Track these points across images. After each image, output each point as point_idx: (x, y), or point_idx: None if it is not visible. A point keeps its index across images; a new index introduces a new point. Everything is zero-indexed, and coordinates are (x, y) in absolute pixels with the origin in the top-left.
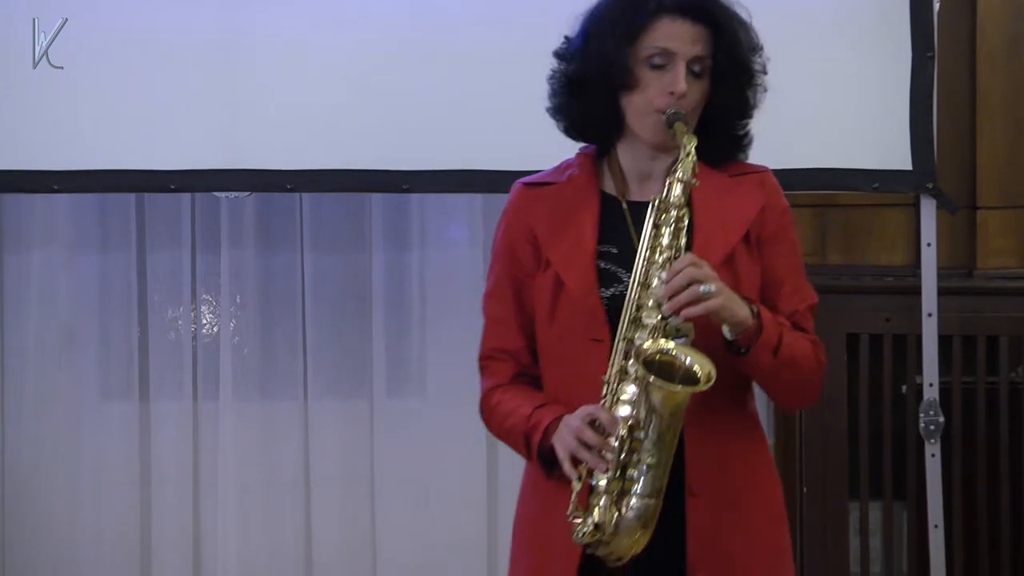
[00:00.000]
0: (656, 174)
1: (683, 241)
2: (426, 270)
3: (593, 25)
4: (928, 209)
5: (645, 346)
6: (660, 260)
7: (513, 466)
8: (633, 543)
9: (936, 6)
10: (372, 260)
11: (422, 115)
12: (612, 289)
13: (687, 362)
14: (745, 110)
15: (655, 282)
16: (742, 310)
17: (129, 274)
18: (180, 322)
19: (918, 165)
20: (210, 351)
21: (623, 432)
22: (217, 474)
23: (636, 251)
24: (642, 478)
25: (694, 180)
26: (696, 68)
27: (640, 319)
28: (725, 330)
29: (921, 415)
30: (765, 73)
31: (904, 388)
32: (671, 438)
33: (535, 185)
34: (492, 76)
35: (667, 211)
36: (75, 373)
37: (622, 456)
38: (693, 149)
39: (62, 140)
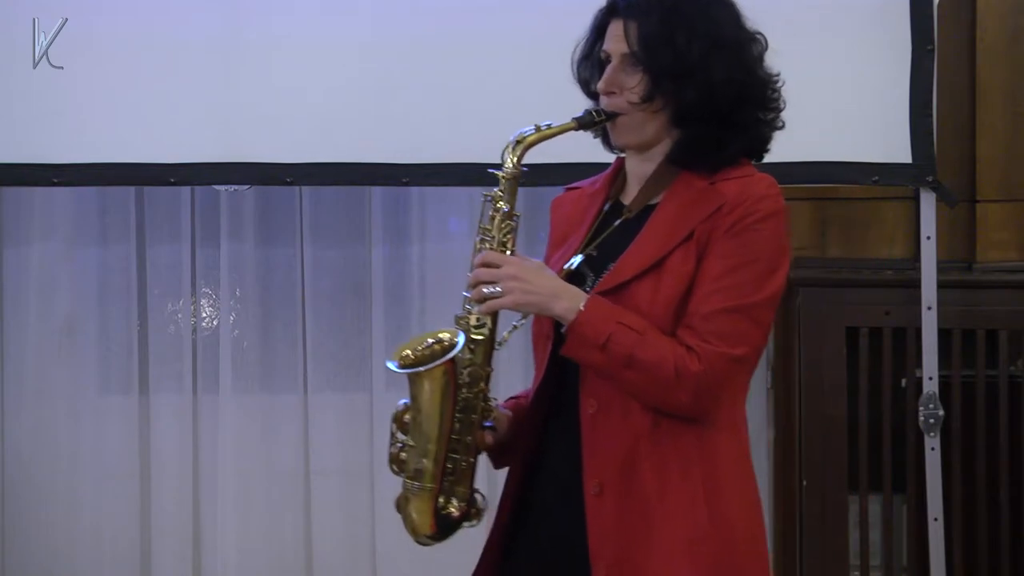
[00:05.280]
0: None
1: (499, 235)
2: (425, 263)
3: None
4: (928, 202)
5: (404, 351)
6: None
7: None
8: (415, 521)
9: None
10: (372, 253)
11: (422, 109)
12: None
13: (438, 340)
14: (696, 112)
15: None
16: (557, 304)
17: (129, 267)
18: (180, 315)
19: (918, 158)
20: (210, 344)
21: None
22: (217, 467)
23: (614, 254)
24: (407, 459)
25: (505, 173)
26: (631, 62)
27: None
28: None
29: (921, 408)
30: (728, 71)
31: (904, 381)
32: (428, 422)
33: (570, 189)
34: (492, 70)
35: (493, 202)
36: (75, 366)
37: (394, 437)
38: (514, 142)
39: (62, 134)
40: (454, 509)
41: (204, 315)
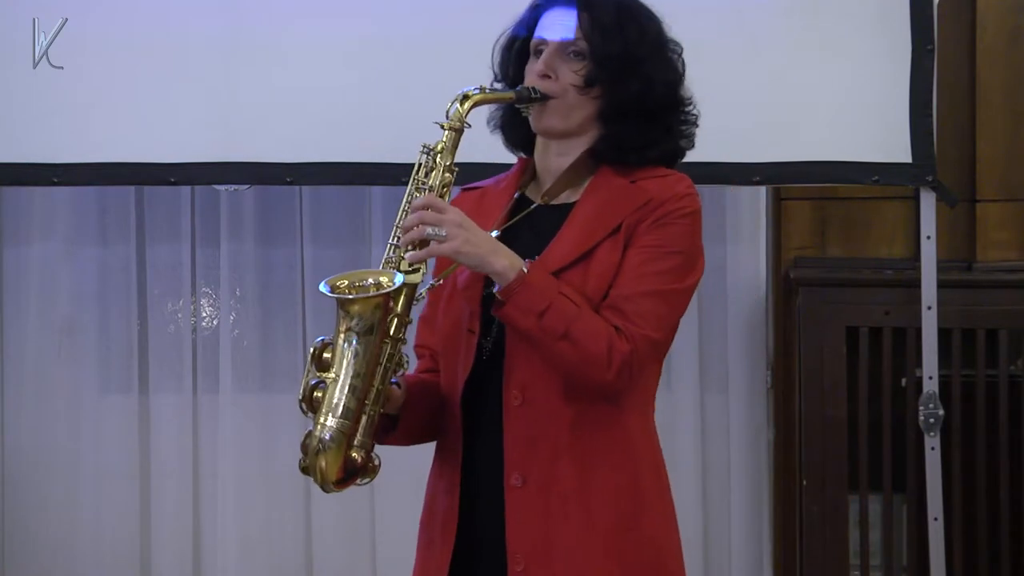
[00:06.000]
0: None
1: (438, 188)
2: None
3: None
4: (928, 202)
5: (340, 282)
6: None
7: None
8: (324, 468)
9: None
10: (372, 253)
11: (422, 109)
12: (496, 287)
13: (375, 282)
14: (632, 105)
15: None
16: (498, 261)
17: (129, 267)
18: (180, 315)
19: (918, 158)
20: (210, 344)
21: (311, 355)
22: (217, 466)
23: (532, 250)
24: (325, 396)
25: (451, 124)
26: (572, 50)
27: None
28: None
29: (921, 408)
30: (667, 73)
31: (903, 381)
32: (357, 357)
33: (468, 190)
34: (491, 69)
35: (433, 155)
36: (75, 366)
37: (309, 372)
38: (461, 96)
39: (62, 134)
40: (356, 456)
41: (204, 315)
